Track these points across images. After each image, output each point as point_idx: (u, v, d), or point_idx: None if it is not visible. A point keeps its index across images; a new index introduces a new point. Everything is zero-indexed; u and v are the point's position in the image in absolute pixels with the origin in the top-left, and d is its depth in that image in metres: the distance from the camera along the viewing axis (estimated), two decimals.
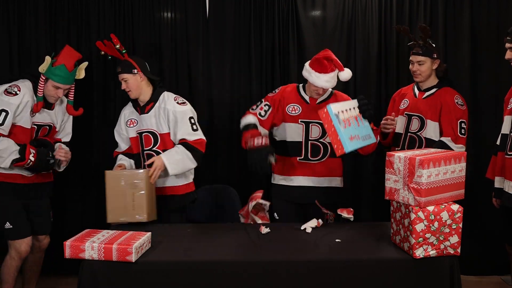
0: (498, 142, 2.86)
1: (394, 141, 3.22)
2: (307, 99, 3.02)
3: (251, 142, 2.82)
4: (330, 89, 3.03)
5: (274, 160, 2.81)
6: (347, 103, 2.78)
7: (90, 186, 3.70)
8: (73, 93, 3.03)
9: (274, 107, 3.01)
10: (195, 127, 3.00)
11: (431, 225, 2.21)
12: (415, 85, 3.21)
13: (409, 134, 3.12)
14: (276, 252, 2.37)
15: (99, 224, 2.85)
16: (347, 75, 2.89)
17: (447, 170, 2.27)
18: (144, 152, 3.06)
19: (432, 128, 3.04)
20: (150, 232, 2.42)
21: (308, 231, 2.64)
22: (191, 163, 2.95)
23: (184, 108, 3.01)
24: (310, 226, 2.68)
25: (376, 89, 3.77)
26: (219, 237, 2.61)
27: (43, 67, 2.88)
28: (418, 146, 3.06)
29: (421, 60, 3.06)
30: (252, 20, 3.73)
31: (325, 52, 2.90)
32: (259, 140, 2.81)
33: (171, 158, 2.90)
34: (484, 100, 3.71)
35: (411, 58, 3.12)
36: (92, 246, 2.21)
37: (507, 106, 2.80)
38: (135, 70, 2.99)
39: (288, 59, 3.74)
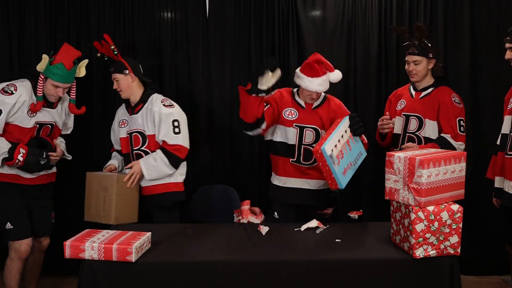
0: (498, 142, 2.86)
1: (392, 142, 3.22)
2: (303, 104, 3.01)
3: None
4: (323, 93, 3.03)
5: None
6: (338, 131, 2.71)
7: None
8: (74, 91, 3.02)
9: (272, 106, 2.98)
10: (177, 130, 3.00)
11: (431, 225, 2.21)
12: (411, 85, 3.21)
13: (407, 134, 3.12)
14: (276, 252, 2.36)
15: (99, 224, 2.86)
16: (337, 76, 2.90)
17: (447, 170, 2.27)
18: (134, 152, 3.08)
19: (430, 127, 3.05)
20: (150, 232, 2.42)
21: (311, 226, 2.67)
22: (168, 169, 2.98)
23: (170, 111, 3.02)
24: (310, 226, 2.69)
25: (376, 89, 3.76)
26: (219, 237, 2.61)
27: (41, 66, 2.86)
28: None
29: (417, 60, 3.07)
30: (252, 20, 3.73)
31: (314, 56, 2.91)
32: None
33: (148, 164, 2.96)
34: (484, 100, 3.71)
35: (407, 58, 3.13)
36: (92, 246, 2.21)
37: (507, 106, 2.80)
38: (127, 70, 3.05)
39: (288, 59, 3.74)
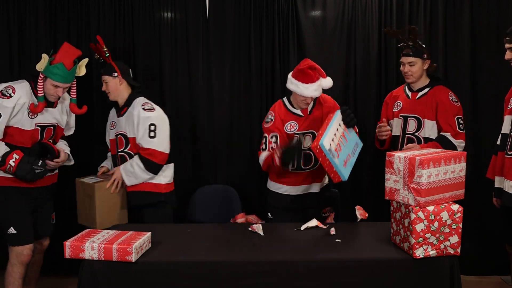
0: (498, 142, 2.86)
1: (392, 144, 3.22)
2: (299, 113, 3.01)
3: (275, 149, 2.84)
4: None
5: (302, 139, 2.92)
6: (333, 126, 2.73)
7: None
8: (75, 90, 2.99)
9: (280, 134, 2.98)
10: (152, 134, 2.99)
11: (431, 225, 2.21)
12: (406, 86, 3.21)
13: (406, 135, 3.12)
14: (276, 252, 2.36)
15: None
16: (329, 84, 2.92)
17: (447, 170, 2.27)
18: (119, 154, 3.11)
19: (429, 127, 3.04)
20: (150, 232, 2.42)
21: (312, 224, 2.68)
22: (145, 174, 3.00)
23: (148, 114, 3.02)
24: (310, 226, 2.68)
25: (376, 89, 3.76)
26: (219, 237, 2.61)
27: (40, 65, 2.81)
28: None
29: (412, 61, 3.07)
30: (252, 20, 3.73)
31: (306, 62, 2.90)
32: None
33: (127, 170, 3.01)
34: (484, 100, 3.71)
35: (401, 59, 3.14)
36: (92, 246, 2.21)
37: (507, 106, 2.80)
38: (115, 73, 3.09)
39: (288, 59, 3.74)
